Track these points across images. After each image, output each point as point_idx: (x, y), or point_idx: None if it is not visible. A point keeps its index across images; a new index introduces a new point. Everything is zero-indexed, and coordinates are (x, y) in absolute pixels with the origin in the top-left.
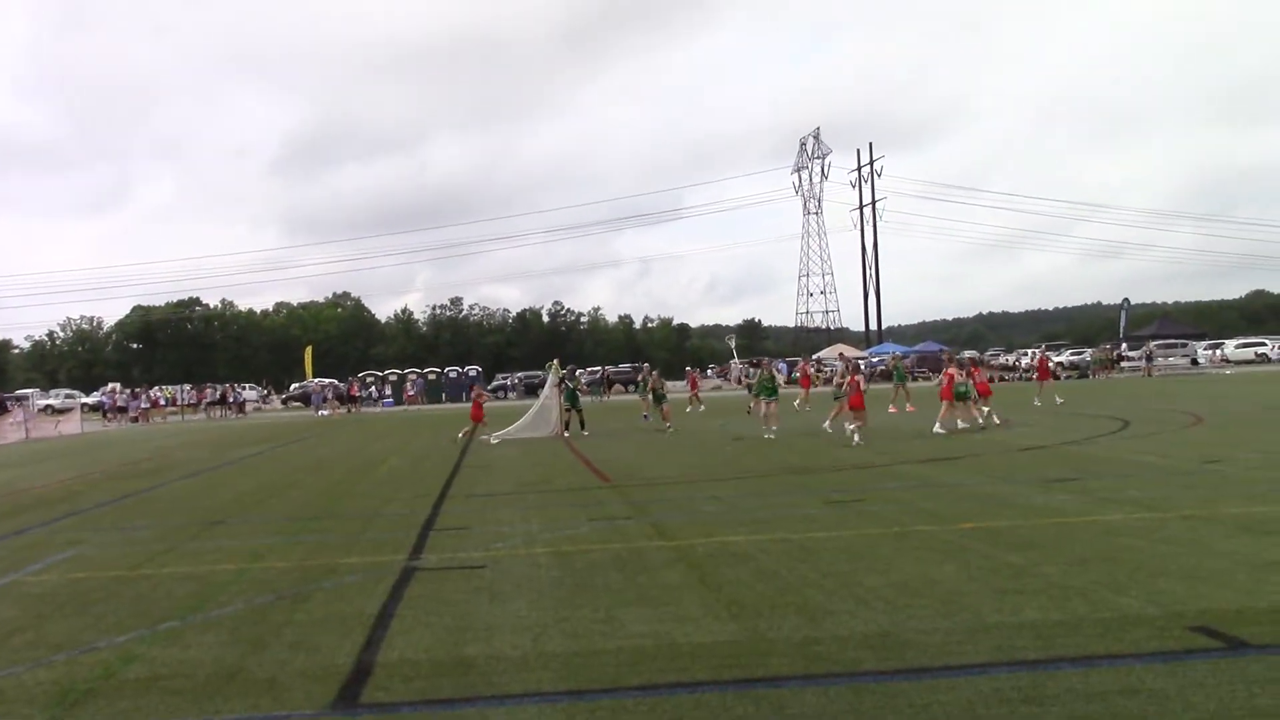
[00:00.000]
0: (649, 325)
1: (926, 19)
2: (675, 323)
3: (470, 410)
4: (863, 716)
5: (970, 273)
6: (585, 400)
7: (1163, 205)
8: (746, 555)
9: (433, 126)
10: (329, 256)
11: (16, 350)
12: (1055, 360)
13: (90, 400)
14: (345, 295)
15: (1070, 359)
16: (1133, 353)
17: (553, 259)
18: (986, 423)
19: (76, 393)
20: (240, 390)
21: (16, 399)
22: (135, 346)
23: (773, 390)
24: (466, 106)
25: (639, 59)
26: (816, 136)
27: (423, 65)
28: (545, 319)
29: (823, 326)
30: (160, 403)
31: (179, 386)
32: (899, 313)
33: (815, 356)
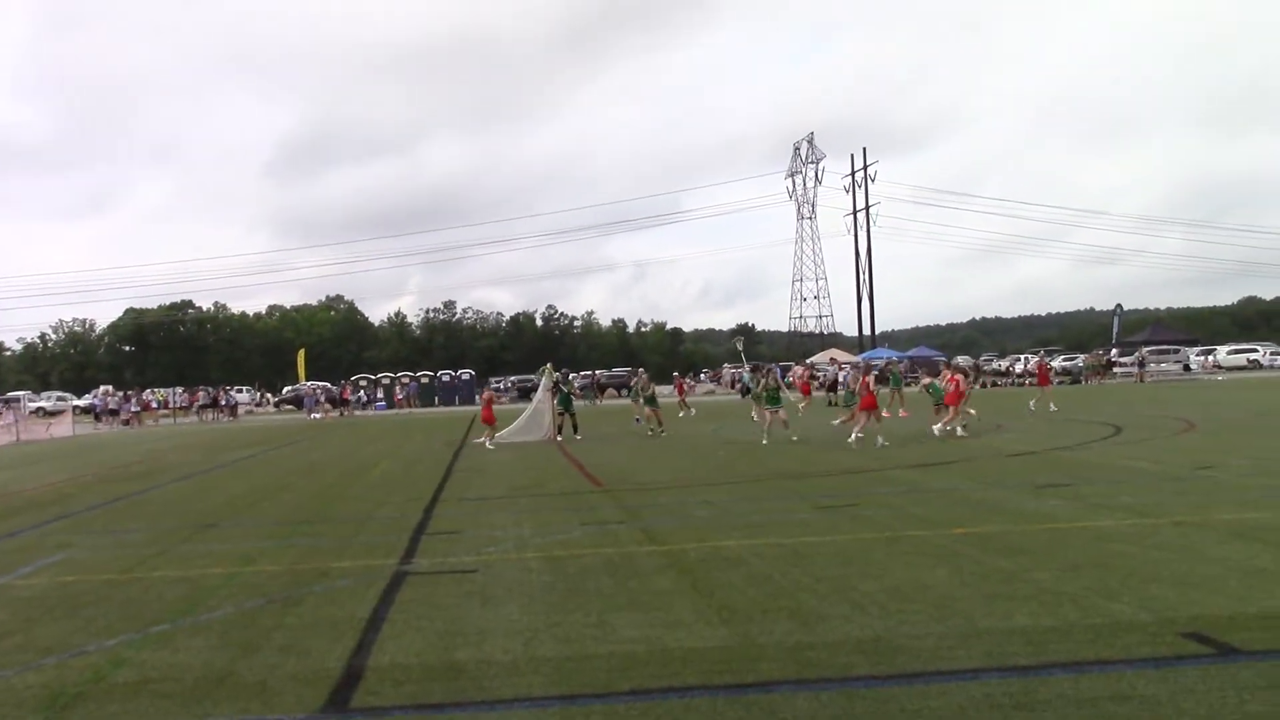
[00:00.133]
0: (642, 329)
1: (921, 25)
2: (669, 327)
3: (481, 413)
4: None
5: (964, 278)
6: (578, 404)
7: (1155, 211)
8: (738, 560)
9: (427, 129)
10: (322, 259)
11: (8, 352)
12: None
13: (82, 403)
14: (339, 298)
15: (1063, 365)
16: (1125, 359)
17: (547, 262)
18: (946, 430)
19: (68, 395)
20: (232, 393)
21: (7, 401)
22: (127, 349)
23: (777, 399)
24: (461, 109)
25: (634, 63)
26: (810, 141)
27: (417, 67)
28: (539, 323)
29: (816, 331)
30: (152, 405)
31: (171, 389)
32: (893, 318)
33: (809, 361)
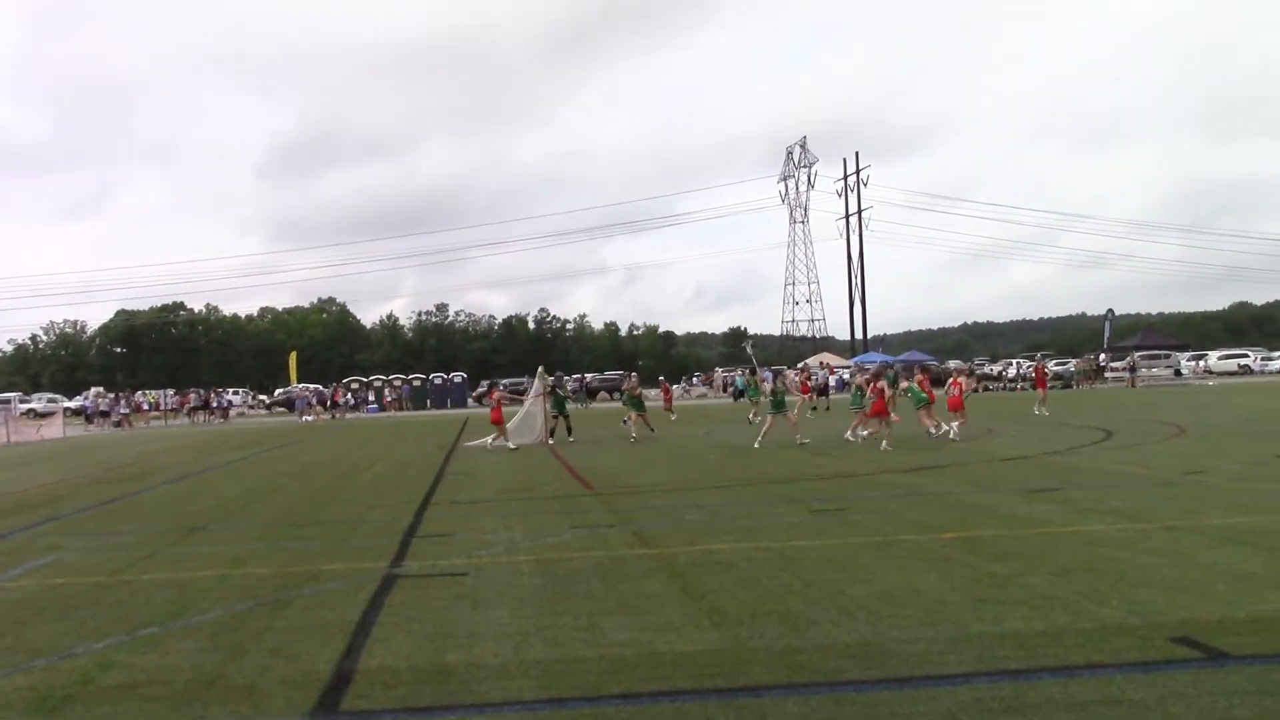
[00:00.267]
0: (635, 332)
1: (915, 30)
2: (661, 330)
3: (491, 414)
4: None
5: (956, 282)
6: (570, 407)
7: (1147, 216)
8: (729, 563)
9: (422, 131)
10: (315, 261)
11: None
12: None
13: (73, 404)
14: (331, 300)
15: (1055, 369)
16: (1117, 363)
17: (540, 265)
18: (945, 433)
19: (59, 397)
20: (224, 395)
21: None
22: (119, 351)
23: (781, 404)
24: (456, 111)
25: (629, 66)
26: (803, 145)
27: (412, 70)
28: (531, 326)
29: (808, 335)
30: (143, 407)
31: (162, 391)
32: (885, 321)
33: (800, 365)
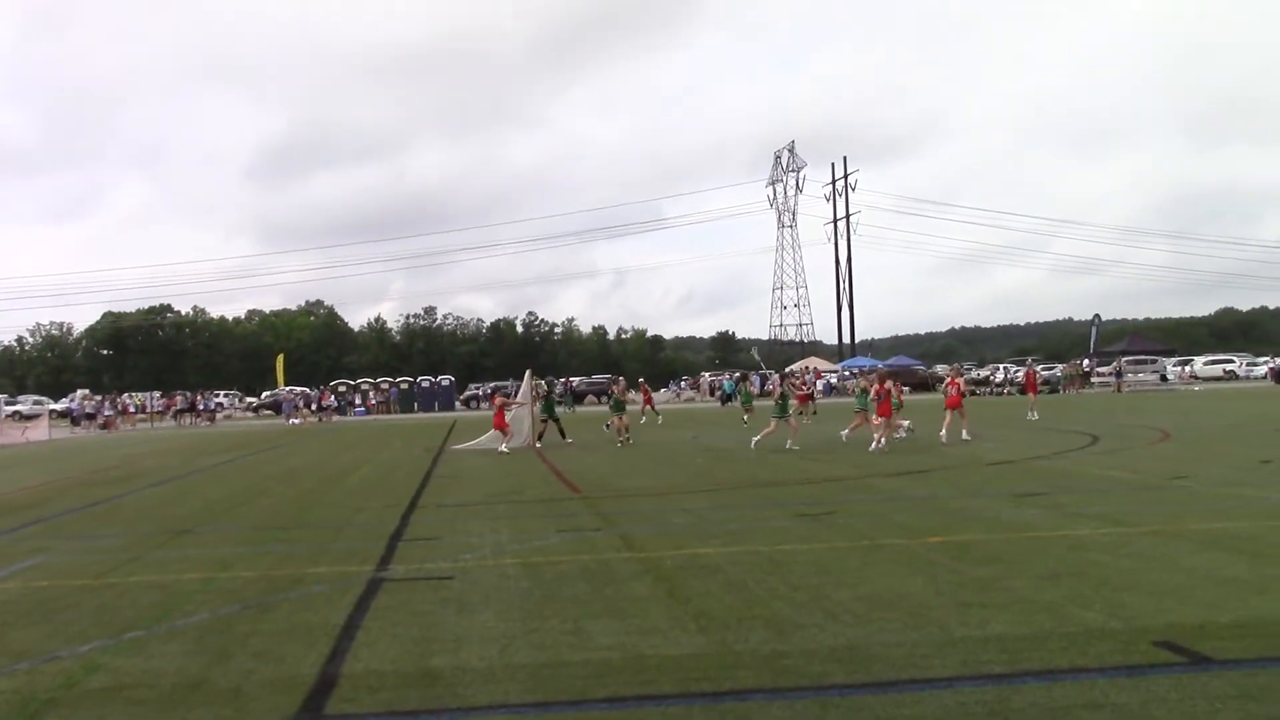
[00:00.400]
0: (623, 336)
1: (904, 35)
2: (649, 334)
3: (494, 419)
4: None
5: (943, 287)
6: (558, 411)
7: (1134, 222)
8: (715, 567)
9: (411, 134)
10: (303, 264)
11: None
12: None
13: (59, 407)
14: (319, 303)
15: (1042, 374)
16: (1103, 368)
17: (528, 269)
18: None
19: (45, 399)
20: (210, 398)
21: None
22: (105, 353)
23: (784, 409)
24: (445, 115)
25: (620, 68)
26: (791, 150)
27: (401, 73)
28: (519, 329)
29: (796, 339)
30: (130, 410)
31: (148, 394)
32: (872, 326)
33: (787, 370)
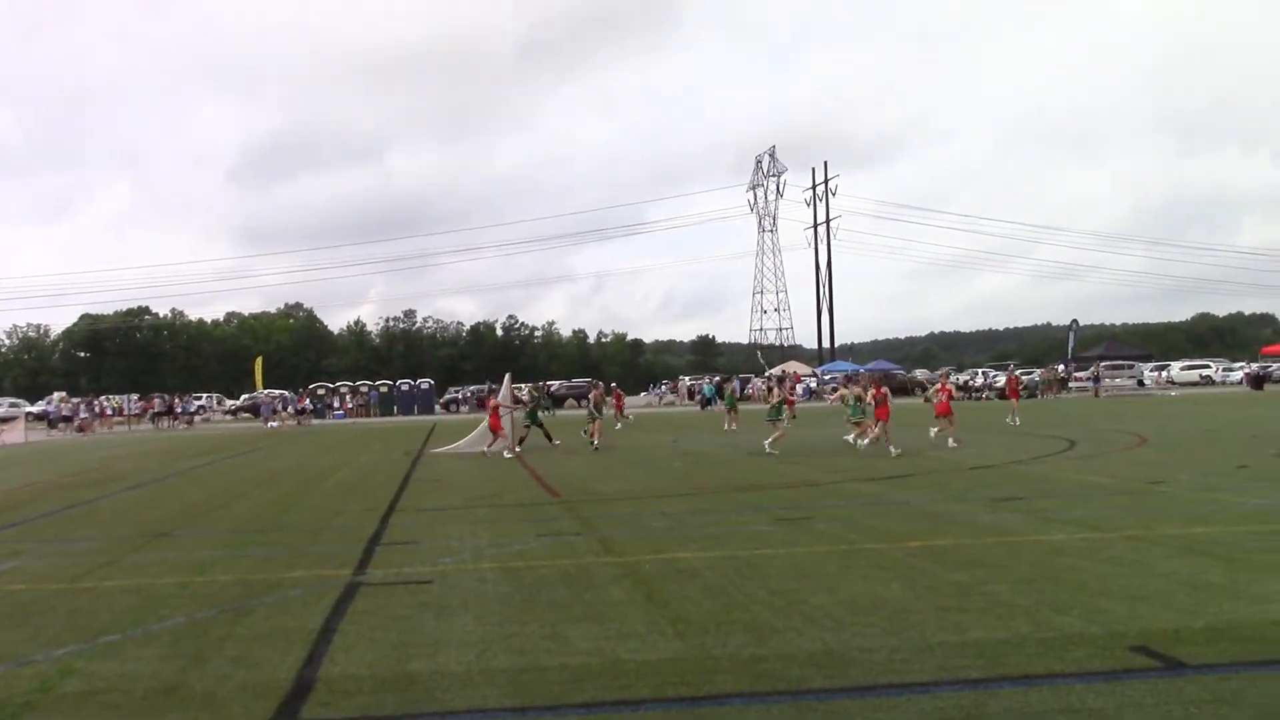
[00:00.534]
0: (603, 340)
1: (886, 41)
2: (629, 338)
3: (489, 421)
4: None
5: (923, 292)
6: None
7: (1113, 228)
8: (694, 572)
9: (395, 137)
10: (283, 267)
11: None
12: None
13: (35, 409)
14: (298, 306)
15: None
16: (1081, 373)
17: (509, 272)
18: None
19: (21, 401)
20: (190, 401)
21: None
22: (83, 355)
23: (779, 413)
24: (428, 118)
25: (602, 74)
26: (772, 154)
27: (385, 76)
28: (499, 333)
29: (776, 344)
30: (107, 412)
31: (126, 396)
32: (852, 330)
33: (766, 374)
